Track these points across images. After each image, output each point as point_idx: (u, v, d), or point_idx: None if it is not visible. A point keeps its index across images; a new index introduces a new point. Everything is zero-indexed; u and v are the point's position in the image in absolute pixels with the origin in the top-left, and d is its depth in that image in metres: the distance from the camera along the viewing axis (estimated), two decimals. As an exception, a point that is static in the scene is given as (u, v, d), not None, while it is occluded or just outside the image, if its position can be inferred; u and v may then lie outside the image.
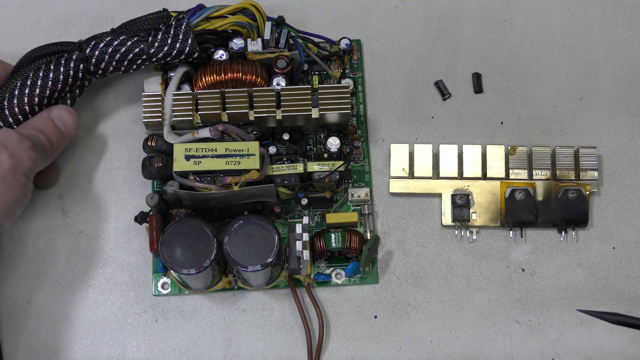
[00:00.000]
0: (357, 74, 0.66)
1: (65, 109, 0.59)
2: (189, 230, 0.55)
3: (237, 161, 0.57)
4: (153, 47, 0.58)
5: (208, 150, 0.58)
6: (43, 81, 0.57)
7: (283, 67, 0.61)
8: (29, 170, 0.54)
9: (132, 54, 0.58)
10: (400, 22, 0.67)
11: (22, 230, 0.62)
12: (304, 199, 0.60)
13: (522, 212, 0.62)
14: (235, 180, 0.57)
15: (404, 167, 0.64)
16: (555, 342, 0.62)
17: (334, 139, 0.61)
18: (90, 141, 0.63)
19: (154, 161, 0.59)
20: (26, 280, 0.61)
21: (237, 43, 0.61)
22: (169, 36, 0.58)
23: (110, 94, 0.65)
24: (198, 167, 0.57)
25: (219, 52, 0.61)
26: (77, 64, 0.58)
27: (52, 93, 0.58)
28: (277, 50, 0.61)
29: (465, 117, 0.66)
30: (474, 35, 0.67)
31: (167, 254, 0.55)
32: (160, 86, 0.60)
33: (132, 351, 0.61)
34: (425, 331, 0.62)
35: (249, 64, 0.60)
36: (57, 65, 0.58)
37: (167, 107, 0.59)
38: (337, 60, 0.65)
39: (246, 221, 0.56)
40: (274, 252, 0.55)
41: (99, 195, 0.63)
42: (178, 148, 0.58)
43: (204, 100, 0.59)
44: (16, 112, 0.57)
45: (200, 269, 0.55)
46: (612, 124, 0.66)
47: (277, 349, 0.61)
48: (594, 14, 0.68)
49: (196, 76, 0.60)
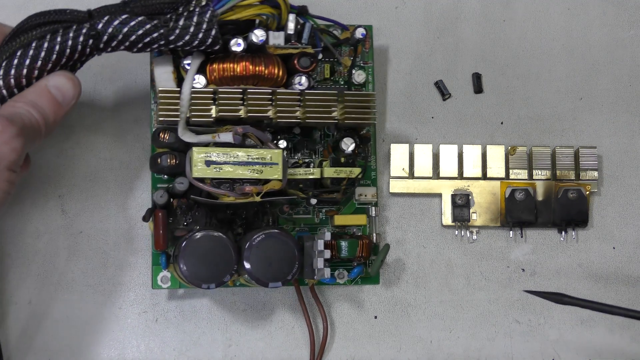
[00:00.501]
0: (368, 63, 0.64)
1: (64, 76, 0.53)
2: (208, 243, 0.54)
3: (259, 170, 0.55)
4: (173, 34, 0.53)
5: (230, 157, 0.55)
6: (47, 52, 0.51)
7: (307, 66, 0.57)
8: (12, 164, 0.48)
9: (150, 37, 0.53)
10: (400, 22, 0.67)
11: (22, 230, 0.62)
12: (313, 199, 0.59)
13: (522, 212, 0.62)
14: (257, 190, 0.55)
15: (404, 167, 0.64)
16: (555, 342, 0.62)
17: (349, 140, 0.59)
18: (90, 141, 0.63)
19: (167, 158, 0.57)
20: (26, 280, 0.61)
21: (259, 35, 0.56)
22: (191, 24, 0.53)
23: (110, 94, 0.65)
24: (219, 174, 0.55)
25: (235, 42, 0.56)
26: (86, 38, 0.52)
27: (54, 66, 0.52)
28: (300, 45, 0.58)
29: (465, 117, 0.66)
30: (474, 35, 0.67)
31: (185, 267, 0.53)
32: (173, 74, 0.57)
33: (132, 351, 0.61)
34: (425, 331, 0.62)
35: (270, 59, 0.57)
36: (65, 37, 0.52)
37: (184, 102, 0.56)
38: (349, 49, 0.63)
39: (267, 235, 0.54)
40: (295, 268, 0.54)
41: (99, 195, 0.62)
42: (198, 152, 0.55)
43: (224, 98, 0.56)
44: (11, 84, 0.51)
45: (220, 284, 0.54)
46: (612, 124, 0.66)
47: (277, 349, 0.61)
48: (594, 14, 0.68)
49: (211, 67, 0.56)
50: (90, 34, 0.52)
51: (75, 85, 0.53)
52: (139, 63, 0.63)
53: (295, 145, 0.61)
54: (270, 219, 0.60)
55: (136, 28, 0.52)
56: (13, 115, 0.49)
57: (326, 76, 0.62)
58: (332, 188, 0.59)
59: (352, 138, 0.60)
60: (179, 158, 0.57)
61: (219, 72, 0.56)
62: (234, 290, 0.62)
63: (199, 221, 0.57)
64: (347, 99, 0.58)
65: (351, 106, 0.58)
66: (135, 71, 0.63)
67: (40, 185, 0.62)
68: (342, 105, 0.57)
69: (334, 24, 0.62)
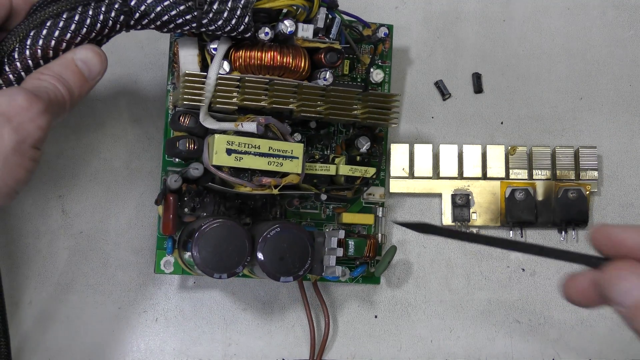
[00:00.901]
0: (386, 63, 0.63)
1: (92, 50, 0.51)
2: (223, 232, 0.53)
3: (279, 162, 0.55)
4: (206, 18, 0.51)
5: (251, 147, 0.54)
6: (77, 25, 0.49)
7: (333, 62, 0.56)
8: (38, 141, 0.46)
9: (182, 19, 0.51)
10: (400, 22, 0.67)
11: (22, 230, 0.62)
12: (324, 195, 0.59)
13: (522, 212, 0.62)
14: (275, 182, 0.54)
15: (404, 167, 0.64)
16: (555, 342, 0.62)
17: (365, 139, 0.59)
18: (90, 140, 0.63)
19: (185, 142, 0.56)
20: (26, 280, 0.61)
21: (288, 25, 0.54)
22: (225, 8, 0.52)
23: (110, 94, 0.65)
24: (239, 163, 0.54)
25: (263, 31, 0.55)
26: (118, 13, 0.50)
27: (82, 40, 0.50)
28: (328, 40, 0.56)
29: (465, 117, 0.66)
30: (474, 35, 0.67)
31: (199, 255, 0.52)
32: (198, 57, 0.56)
33: (132, 351, 0.61)
34: (426, 331, 0.62)
35: (298, 51, 0.55)
36: (97, 10, 0.50)
37: (209, 87, 0.54)
38: (370, 47, 0.62)
39: (283, 228, 0.53)
40: (307, 264, 0.54)
41: (99, 195, 0.62)
42: (220, 140, 0.54)
43: (250, 87, 0.55)
44: (38, 54, 0.49)
45: (232, 274, 0.53)
46: (612, 124, 0.66)
47: (277, 347, 0.61)
48: (594, 14, 0.68)
49: (237, 53, 0.55)
50: (123, 9, 0.50)
51: (102, 60, 0.51)
52: (139, 63, 0.63)
53: (309, 139, 0.61)
54: (279, 211, 0.59)
55: (169, 8, 0.51)
56: (39, 89, 0.47)
57: (345, 72, 0.61)
58: (345, 186, 0.58)
59: (367, 137, 0.60)
60: (197, 143, 0.56)
61: (245, 59, 0.55)
62: (234, 289, 0.62)
63: (206, 208, 0.57)
64: (370, 98, 0.57)
65: (374, 106, 0.57)
66: (135, 71, 0.63)
67: (40, 185, 0.62)
68: (365, 105, 0.57)
69: (357, 21, 0.61)
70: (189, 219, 0.57)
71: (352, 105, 0.57)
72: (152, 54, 0.63)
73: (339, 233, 0.55)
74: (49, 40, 0.49)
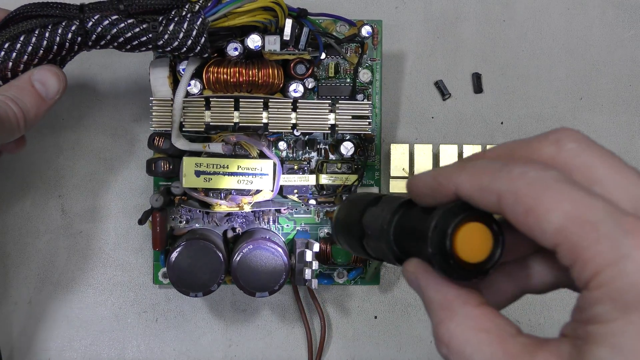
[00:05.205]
0: (376, 60, 0.63)
1: (49, 71, 0.52)
2: (198, 252, 0.54)
3: (249, 180, 0.56)
4: (162, 39, 0.52)
5: (219, 167, 0.56)
6: (35, 47, 0.51)
7: (302, 73, 0.57)
8: None
9: (138, 41, 0.52)
10: (400, 22, 0.67)
11: (22, 230, 0.62)
12: (312, 200, 0.60)
13: (522, 212, 0.62)
14: (247, 201, 0.56)
15: (404, 167, 0.64)
16: (555, 342, 0.62)
17: (348, 144, 0.59)
18: (90, 141, 0.63)
19: (160, 165, 0.57)
20: (26, 280, 0.61)
21: (255, 40, 0.55)
22: (181, 30, 0.52)
23: (110, 94, 0.65)
24: (208, 184, 0.56)
25: (232, 47, 0.55)
26: (74, 35, 0.52)
27: (41, 60, 0.52)
28: (296, 51, 0.56)
29: (465, 117, 0.66)
30: (474, 35, 0.67)
31: (173, 277, 0.54)
32: (168, 79, 0.57)
33: (132, 351, 0.61)
34: (426, 331, 0.62)
35: (266, 65, 0.56)
36: (54, 32, 0.51)
37: (176, 110, 0.56)
38: (355, 46, 0.61)
39: (256, 246, 0.55)
40: (282, 279, 0.55)
41: (99, 195, 0.63)
42: (188, 162, 0.55)
43: (217, 106, 0.56)
44: None
45: (207, 293, 0.54)
46: (612, 124, 0.66)
47: (277, 349, 0.61)
48: (594, 14, 0.68)
49: (207, 72, 0.56)
50: (79, 32, 0.52)
51: (60, 80, 0.53)
52: (139, 63, 0.63)
53: (296, 144, 0.61)
54: (271, 218, 0.60)
55: (125, 30, 0.52)
56: None
57: (330, 75, 0.61)
58: (327, 194, 0.59)
59: (352, 141, 0.60)
60: (172, 164, 0.57)
61: (213, 77, 0.56)
62: (234, 290, 0.62)
63: (197, 220, 0.59)
64: (340, 107, 0.57)
65: (346, 115, 0.57)
66: (135, 71, 0.63)
67: (40, 185, 0.62)
68: (336, 115, 0.57)
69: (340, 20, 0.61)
70: (178, 232, 0.59)
71: (324, 116, 0.57)
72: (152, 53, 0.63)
73: (314, 246, 0.56)
74: (6, 63, 0.51)
